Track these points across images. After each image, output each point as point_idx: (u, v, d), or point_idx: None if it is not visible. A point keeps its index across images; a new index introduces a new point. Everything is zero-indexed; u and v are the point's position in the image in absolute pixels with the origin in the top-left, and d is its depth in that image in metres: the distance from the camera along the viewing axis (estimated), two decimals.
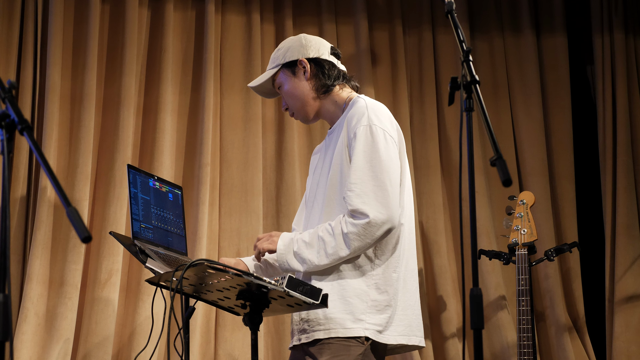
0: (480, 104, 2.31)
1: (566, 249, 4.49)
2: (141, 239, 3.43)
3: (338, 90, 3.16)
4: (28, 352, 4.09)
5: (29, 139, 2.04)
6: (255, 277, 2.70)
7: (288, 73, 3.17)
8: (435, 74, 5.07)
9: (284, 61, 3.17)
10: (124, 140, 4.43)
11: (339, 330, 2.91)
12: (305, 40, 3.19)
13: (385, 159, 2.91)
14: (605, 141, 4.99)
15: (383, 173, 2.90)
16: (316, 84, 3.15)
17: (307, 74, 3.15)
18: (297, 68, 3.16)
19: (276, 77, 3.21)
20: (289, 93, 3.18)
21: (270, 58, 3.25)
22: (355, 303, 2.91)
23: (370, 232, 2.86)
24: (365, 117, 2.95)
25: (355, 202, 2.88)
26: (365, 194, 2.88)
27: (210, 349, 4.41)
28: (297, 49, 3.17)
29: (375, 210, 2.86)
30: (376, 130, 2.94)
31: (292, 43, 3.20)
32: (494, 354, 4.72)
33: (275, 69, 3.19)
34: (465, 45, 2.41)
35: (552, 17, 5.20)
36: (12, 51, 4.45)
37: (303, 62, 3.15)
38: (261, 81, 3.23)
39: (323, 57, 3.17)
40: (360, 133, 2.94)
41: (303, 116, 3.21)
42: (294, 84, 3.16)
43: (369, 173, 2.90)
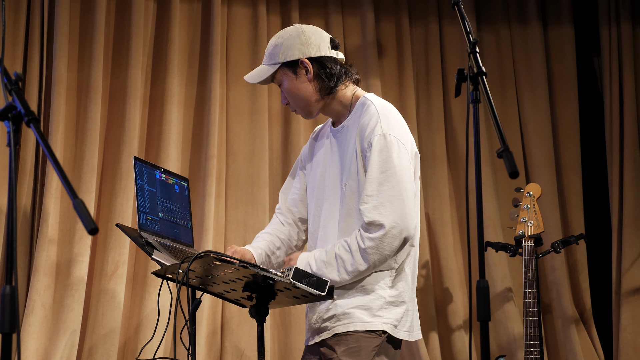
0: (487, 96, 2.30)
1: (573, 241, 4.49)
2: (147, 230, 3.43)
3: (342, 90, 3.10)
4: (35, 344, 4.10)
5: (35, 131, 2.05)
6: (261, 268, 2.70)
7: (289, 72, 3.07)
8: (442, 66, 5.06)
9: (284, 60, 3.06)
10: (130, 132, 4.43)
11: (357, 324, 2.92)
12: (305, 37, 3.07)
13: (399, 169, 2.90)
14: (612, 133, 4.97)
15: (399, 183, 2.88)
16: (319, 85, 3.07)
17: (310, 75, 3.06)
18: (299, 68, 3.06)
19: (276, 74, 3.11)
20: (290, 92, 3.10)
21: (267, 51, 3.13)
22: (374, 300, 2.93)
23: (388, 243, 2.86)
24: (379, 127, 2.93)
25: (371, 214, 2.87)
26: (382, 205, 2.87)
27: (217, 341, 4.42)
28: (297, 48, 3.06)
29: (392, 222, 2.85)
30: (390, 139, 2.91)
31: (291, 40, 3.07)
32: (501, 345, 4.72)
33: (275, 66, 3.08)
34: (472, 37, 2.41)
35: (559, 9, 5.18)
36: (18, 43, 4.45)
37: (305, 63, 3.05)
38: (259, 79, 3.12)
39: (324, 55, 3.08)
40: (375, 143, 2.91)
41: (306, 114, 3.17)
42: (295, 85, 3.08)
43: (385, 184, 2.88)
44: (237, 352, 4.39)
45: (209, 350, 4.37)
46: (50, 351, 4.11)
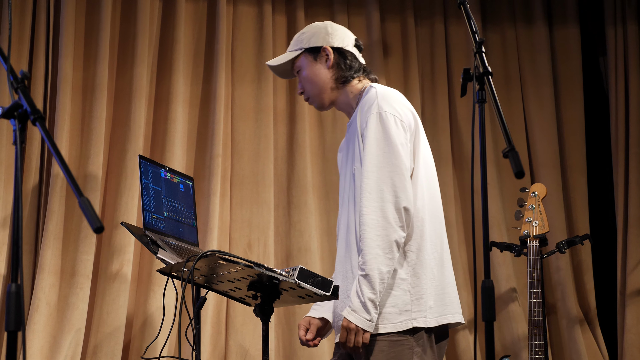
0: (493, 96, 2.30)
1: (578, 241, 4.49)
2: (152, 229, 3.43)
3: (356, 83, 3.17)
4: (40, 342, 4.11)
5: (41, 129, 2.05)
6: (266, 268, 2.70)
7: (310, 58, 3.18)
8: (447, 65, 5.06)
9: (308, 46, 3.18)
10: (135, 131, 4.44)
11: (387, 326, 2.88)
12: (332, 29, 3.20)
13: (397, 144, 2.92)
14: (617, 133, 4.97)
15: (398, 158, 2.90)
16: (336, 74, 3.15)
17: (330, 62, 3.15)
18: (320, 55, 3.17)
19: (297, 60, 3.21)
20: (308, 78, 3.18)
21: (293, 40, 3.25)
22: (398, 294, 2.89)
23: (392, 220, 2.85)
24: (375, 105, 2.96)
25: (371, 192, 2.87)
26: (383, 182, 2.88)
27: (221, 340, 4.42)
28: (322, 36, 3.17)
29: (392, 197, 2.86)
30: (386, 116, 2.94)
31: (317, 29, 3.20)
32: (505, 346, 4.72)
33: (298, 51, 3.20)
34: (478, 37, 2.41)
35: (564, 8, 5.18)
36: (24, 42, 4.45)
37: (327, 50, 3.16)
38: (281, 62, 3.23)
39: (347, 48, 3.18)
40: (371, 121, 2.95)
41: (318, 103, 3.22)
42: (314, 70, 3.17)
43: (382, 161, 2.90)
44: (241, 351, 4.39)
45: (214, 349, 4.38)
46: (55, 349, 4.11)
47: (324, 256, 4.67)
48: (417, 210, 2.95)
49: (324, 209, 4.73)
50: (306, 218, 4.63)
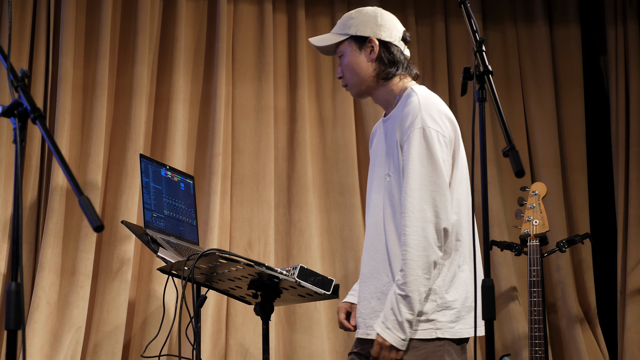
0: (493, 95, 2.30)
1: (578, 240, 4.48)
2: (153, 228, 3.44)
3: (397, 81, 3.09)
4: (40, 341, 4.11)
5: (41, 128, 2.05)
6: (266, 267, 2.70)
7: (354, 46, 3.09)
8: (448, 64, 5.06)
9: (355, 33, 3.08)
10: (136, 130, 4.43)
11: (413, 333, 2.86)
12: (382, 20, 3.10)
13: (439, 162, 2.89)
14: (617, 132, 4.97)
15: (440, 178, 2.87)
16: (379, 68, 3.08)
17: (374, 55, 3.07)
18: (366, 45, 3.08)
19: (341, 44, 3.12)
20: (350, 66, 3.10)
21: (340, 22, 3.16)
22: (426, 303, 2.86)
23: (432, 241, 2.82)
24: (419, 119, 2.90)
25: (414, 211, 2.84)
26: (424, 200, 2.85)
27: (222, 338, 4.42)
28: (370, 26, 3.08)
29: (434, 217, 2.83)
30: (430, 132, 2.89)
31: (368, 17, 3.10)
32: (505, 344, 4.72)
33: (343, 37, 3.10)
34: (478, 36, 2.41)
35: (565, 8, 5.18)
36: (24, 40, 4.45)
37: (373, 42, 3.07)
38: (324, 43, 3.14)
39: (394, 42, 3.10)
40: (414, 136, 2.89)
41: (356, 92, 3.15)
42: (357, 60, 3.09)
43: (426, 179, 2.87)
44: (241, 349, 4.39)
45: (214, 348, 4.38)
46: (55, 348, 4.12)
47: (324, 255, 4.67)
48: (453, 224, 2.94)
49: (324, 207, 4.73)
50: (306, 217, 4.63)
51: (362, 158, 4.80)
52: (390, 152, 3.01)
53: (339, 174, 4.76)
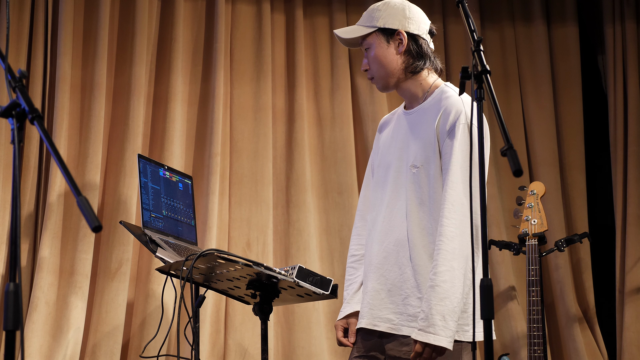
0: (491, 94, 2.30)
1: (576, 240, 4.49)
2: (151, 228, 3.44)
3: (426, 75, 3.08)
4: (38, 341, 4.11)
5: (39, 128, 2.05)
6: (265, 267, 2.70)
7: (382, 39, 3.06)
8: (446, 64, 5.05)
9: (383, 26, 3.05)
10: (134, 130, 4.43)
11: None
12: (410, 12, 3.07)
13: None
14: (616, 131, 4.97)
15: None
16: (407, 61, 3.06)
17: (402, 48, 3.04)
18: (394, 38, 3.05)
19: (368, 37, 3.08)
20: (377, 59, 3.07)
21: (366, 13, 3.12)
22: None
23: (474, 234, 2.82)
24: (464, 115, 2.90)
25: (455, 205, 2.84)
26: (466, 195, 2.84)
27: (220, 339, 4.42)
28: (398, 19, 3.05)
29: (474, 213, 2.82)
30: (474, 130, 2.90)
31: (395, 10, 3.07)
32: (504, 344, 4.72)
33: (371, 29, 3.07)
34: (476, 35, 2.41)
35: (563, 7, 5.17)
36: (22, 40, 4.45)
37: (401, 35, 3.04)
38: (352, 35, 3.09)
39: (422, 35, 3.08)
40: (460, 132, 2.89)
41: (383, 85, 3.11)
42: (385, 53, 3.06)
43: (467, 174, 2.86)
44: (240, 349, 4.39)
45: (212, 348, 4.38)
46: (53, 349, 4.11)
47: (322, 255, 4.67)
48: None
49: (322, 207, 4.73)
50: (305, 217, 4.63)
51: (360, 158, 4.80)
52: (420, 144, 2.98)
53: (337, 174, 4.76)
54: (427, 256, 2.90)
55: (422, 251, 2.91)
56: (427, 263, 2.89)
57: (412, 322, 2.90)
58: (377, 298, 2.97)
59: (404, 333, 2.92)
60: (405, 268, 2.94)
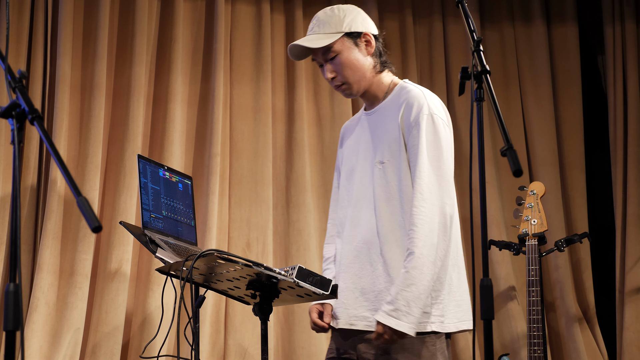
0: (491, 94, 2.30)
1: (576, 240, 4.49)
2: (151, 228, 3.43)
3: (386, 74, 3.12)
4: (38, 342, 4.11)
5: (39, 129, 2.05)
6: (265, 267, 2.70)
7: (350, 43, 3.06)
8: (446, 64, 5.06)
9: (348, 30, 3.05)
10: (134, 130, 4.43)
11: None
12: (364, 15, 3.12)
13: (447, 149, 2.93)
14: (615, 131, 4.97)
15: (446, 165, 2.91)
16: (376, 61, 3.09)
17: (371, 48, 3.08)
18: (360, 40, 3.07)
19: (335, 43, 3.05)
20: (349, 64, 3.05)
21: (321, 21, 3.09)
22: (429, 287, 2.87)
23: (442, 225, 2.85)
24: (427, 106, 2.94)
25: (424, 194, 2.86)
26: (434, 185, 2.87)
27: (220, 339, 4.42)
28: (359, 21, 3.08)
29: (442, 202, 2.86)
30: (437, 120, 2.93)
31: (354, 14, 3.09)
32: (504, 344, 4.72)
33: (337, 35, 3.05)
34: (476, 35, 2.41)
35: (562, 7, 5.18)
36: (22, 41, 4.45)
37: (368, 36, 3.07)
38: (320, 44, 3.05)
39: (378, 36, 3.13)
40: (424, 123, 2.92)
41: (356, 89, 3.10)
42: (356, 56, 3.06)
43: (434, 164, 2.89)
44: (240, 350, 4.39)
45: (212, 348, 4.38)
46: (53, 349, 4.11)
47: (322, 255, 4.67)
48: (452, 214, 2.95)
49: (322, 208, 4.73)
50: (305, 217, 4.63)
51: None
52: (382, 141, 3.01)
53: None
54: (400, 250, 2.92)
55: (394, 245, 2.94)
56: (400, 256, 2.91)
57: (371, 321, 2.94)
58: (351, 297, 2.99)
59: (358, 327, 2.95)
60: (376, 264, 2.96)
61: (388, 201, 2.97)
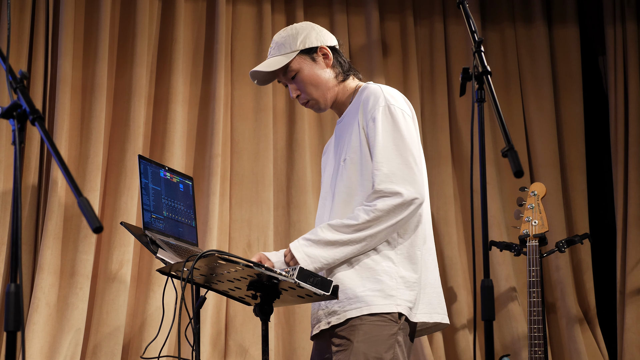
0: (492, 95, 2.30)
1: (577, 241, 4.48)
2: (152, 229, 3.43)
3: (350, 81, 3.16)
4: (39, 342, 4.11)
5: (40, 129, 2.05)
6: (266, 268, 2.70)
7: (307, 59, 3.11)
8: (447, 65, 5.06)
9: (303, 47, 3.10)
10: (134, 131, 4.43)
11: (371, 307, 2.87)
12: (318, 28, 3.16)
13: (407, 137, 2.93)
14: (616, 132, 4.97)
15: (407, 151, 2.91)
16: (337, 71, 3.13)
17: (329, 60, 3.12)
18: (317, 55, 3.11)
19: (291, 63, 3.10)
20: (310, 80, 3.10)
21: (276, 43, 3.14)
22: (384, 280, 2.88)
23: (400, 210, 2.86)
24: (382, 99, 2.96)
25: (383, 181, 2.87)
26: (393, 174, 2.88)
27: (221, 340, 4.42)
28: (314, 36, 3.12)
29: (404, 189, 2.86)
30: (395, 109, 2.94)
31: (306, 31, 3.13)
32: (505, 345, 4.72)
33: (292, 55, 3.10)
34: (477, 36, 2.41)
35: (564, 8, 5.18)
36: (23, 41, 4.45)
37: (324, 50, 3.12)
38: (276, 67, 3.10)
39: (336, 47, 3.18)
40: (380, 114, 2.94)
41: (323, 103, 3.15)
42: (315, 71, 3.10)
43: (393, 152, 2.90)
44: (241, 350, 4.39)
45: (213, 349, 4.38)
46: (54, 349, 4.11)
47: None
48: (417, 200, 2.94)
49: None
50: (305, 218, 4.63)
51: None
52: (348, 140, 3.05)
53: None
54: None
55: None
56: None
57: (331, 316, 2.94)
58: (316, 303, 3.02)
59: (321, 327, 2.97)
60: None
61: (349, 196, 2.99)
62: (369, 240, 2.88)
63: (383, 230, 2.87)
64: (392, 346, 2.86)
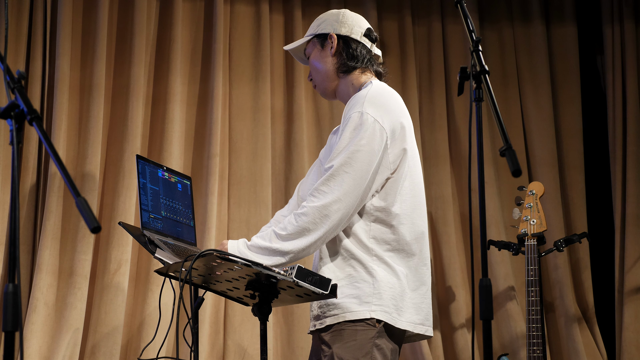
0: (490, 94, 2.30)
1: (576, 240, 4.49)
2: (150, 229, 3.43)
3: (358, 74, 3.15)
4: (38, 342, 4.10)
5: (38, 130, 2.05)
6: (264, 267, 2.70)
7: (317, 45, 3.20)
8: (445, 64, 5.06)
9: (317, 32, 3.21)
10: (133, 131, 4.43)
11: (346, 314, 2.89)
12: (343, 17, 3.20)
13: (364, 150, 2.90)
14: (615, 131, 4.97)
15: (357, 163, 2.89)
16: (338, 62, 3.15)
17: (332, 50, 3.15)
18: (326, 42, 3.18)
19: (307, 45, 3.25)
20: (313, 64, 3.21)
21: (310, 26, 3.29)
22: (361, 287, 2.90)
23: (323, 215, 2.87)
24: (360, 105, 2.95)
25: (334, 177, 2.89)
26: (334, 178, 2.88)
27: (219, 340, 4.42)
28: (331, 23, 3.19)
29: (333, 197, 2.87)
30: (366, 117, 2.92)
31: (330, 16, 3.23)
32: (503, 344, 4.72)
33: (307, 37, 3.23)
34: (475, 35, 2.41)
35: (561, 7, 5.18)
36: (21, 41, 4.45)
37: (332, 37, 3.16)
38: (294, 46, 3.27)
39: (353, 37, 3.17)
40: (350, 120, 2.95)
41: (322, 90, 3.24)
42: (319, 57, 3.19)
43: (344, 157, 2.89)
44: (239, 350, 4.39)
45: (212, 349, 4.38)
46: (53, 349, 4.11)
47: None
48: (394, 215, 2.95)
49: None
50: None
51: None
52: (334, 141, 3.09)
53: None
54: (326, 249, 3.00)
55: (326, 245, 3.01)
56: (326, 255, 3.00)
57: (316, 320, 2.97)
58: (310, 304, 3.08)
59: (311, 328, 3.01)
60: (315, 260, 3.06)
61: None
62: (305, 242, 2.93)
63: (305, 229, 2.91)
64: (369, 351, 2.87)
